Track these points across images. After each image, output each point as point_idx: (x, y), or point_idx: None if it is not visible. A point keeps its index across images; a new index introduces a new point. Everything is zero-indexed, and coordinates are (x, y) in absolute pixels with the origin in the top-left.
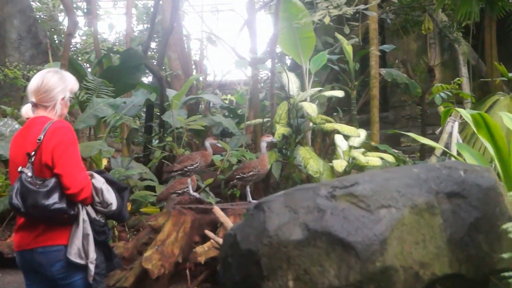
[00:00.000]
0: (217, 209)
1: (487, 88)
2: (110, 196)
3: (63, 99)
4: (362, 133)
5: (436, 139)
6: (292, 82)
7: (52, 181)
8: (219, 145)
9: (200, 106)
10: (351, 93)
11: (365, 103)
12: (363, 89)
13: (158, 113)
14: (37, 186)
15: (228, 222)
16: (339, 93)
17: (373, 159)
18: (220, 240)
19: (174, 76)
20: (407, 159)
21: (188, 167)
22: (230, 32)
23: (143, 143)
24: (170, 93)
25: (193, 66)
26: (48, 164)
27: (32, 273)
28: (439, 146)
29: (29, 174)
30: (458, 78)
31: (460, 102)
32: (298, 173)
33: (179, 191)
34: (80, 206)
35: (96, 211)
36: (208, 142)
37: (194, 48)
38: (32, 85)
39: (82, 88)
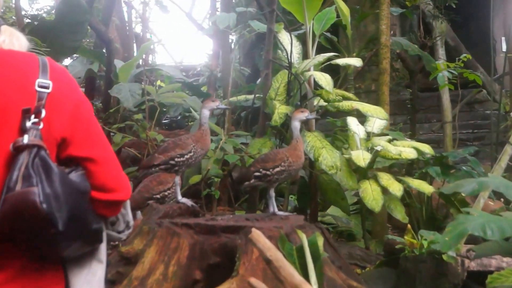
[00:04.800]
0: (257, 234)
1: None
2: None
3: None
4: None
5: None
6: (293, 47)
7: (80, 173)
8: (223, 106)
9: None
10: (347, 67)
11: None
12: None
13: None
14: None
15: (281, 261)
16: (357, 61)
17: (406, 149)
18: None
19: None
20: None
21: (177, 159)
22: None
23: None
24: (116, 64)
25: (134, 40)
26: (65, 138)
27: None
28: None
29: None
30: (464, 55)
31: (465, 84)
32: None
33: (158, 195)
34: None
35: None
36: (207, 110)
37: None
38: None
39: None
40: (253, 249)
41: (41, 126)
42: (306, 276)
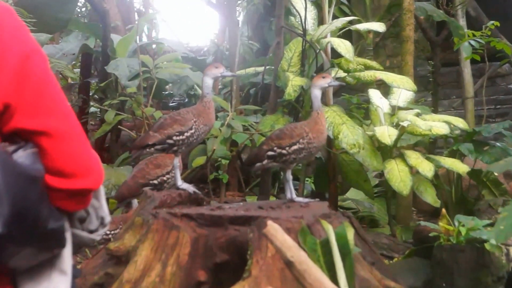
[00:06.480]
0: (274, 229)
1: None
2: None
3: None
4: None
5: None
6: (307, 11)
7: (29, 152)
8: (228, 73)
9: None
10: (366, 36)
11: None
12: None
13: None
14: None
15: (306, 263)
16: (379, 27)
17: (437, 124)
18: None
19: (111, 28)
20: None
21: (175, 137)
22: None
23: (76, 107)
24: (114, 39)
25: (136, 17)
26: (9, 105)
27: None
28: None
29: None
30: (492, 22)
31: (494, 55)
32: None
33: (155, 181)
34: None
35: None
36: (209, 78)
37: None
38: None
39: None
40: (269, 244)
41: None
42: (333, 276)
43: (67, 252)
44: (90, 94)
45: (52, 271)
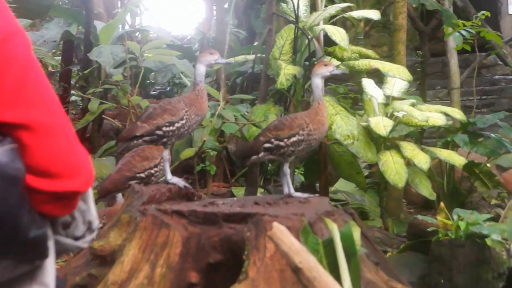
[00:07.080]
0: (281, 231)
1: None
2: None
3: None
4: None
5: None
6: None
7: (7, 148)
8: (223, 60)
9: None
10: (357, 25)
11: None
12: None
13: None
14: None
15: (316, 269)
16: (374, 14)
17: (433, 115)
18: None
19: (94, 15)
20: None
21: (165, 128)
22: None
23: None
24: (97, 25)
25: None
26: None
27: None
28: None
29: None
30: (482, 12)
31: (482, 46)
32: None
33: (142, 174)
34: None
35: None
36: (203, 65)
37: None
38: None
39: None
40: (267, 244)
41: None
42: (337, 279)
43: (49, 263)
44: (72, 82)
45: (32, 285)
